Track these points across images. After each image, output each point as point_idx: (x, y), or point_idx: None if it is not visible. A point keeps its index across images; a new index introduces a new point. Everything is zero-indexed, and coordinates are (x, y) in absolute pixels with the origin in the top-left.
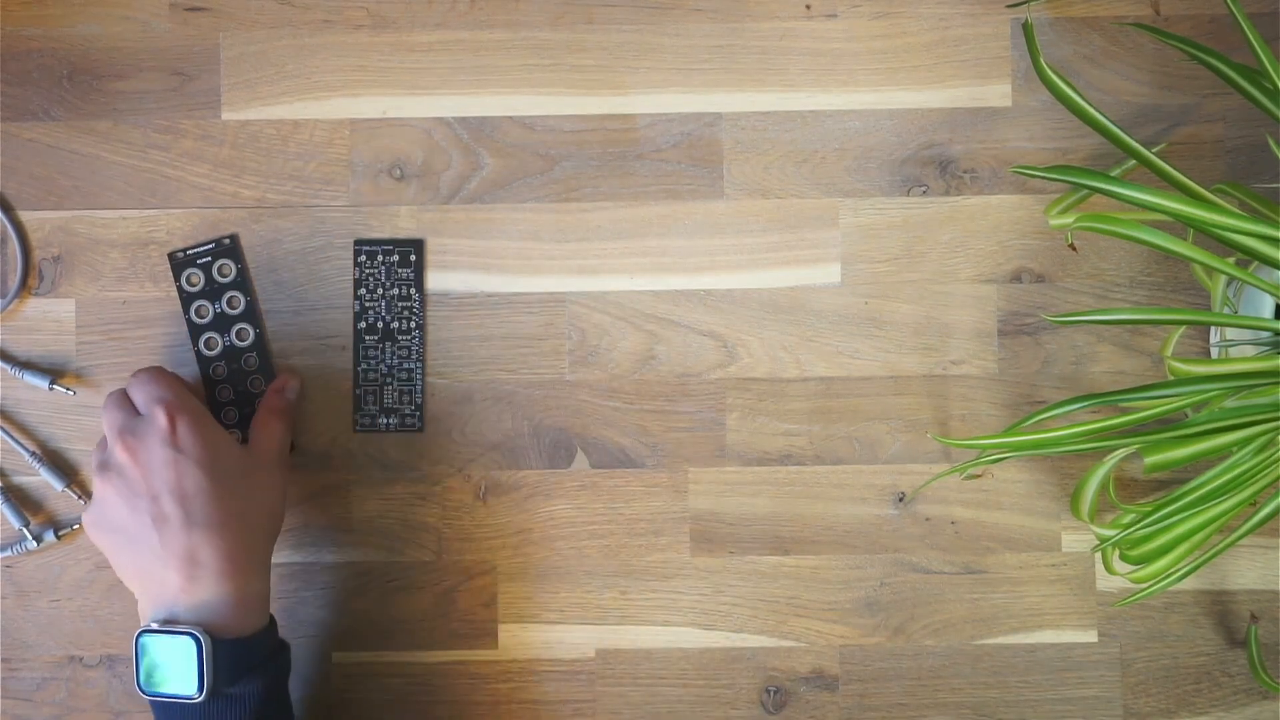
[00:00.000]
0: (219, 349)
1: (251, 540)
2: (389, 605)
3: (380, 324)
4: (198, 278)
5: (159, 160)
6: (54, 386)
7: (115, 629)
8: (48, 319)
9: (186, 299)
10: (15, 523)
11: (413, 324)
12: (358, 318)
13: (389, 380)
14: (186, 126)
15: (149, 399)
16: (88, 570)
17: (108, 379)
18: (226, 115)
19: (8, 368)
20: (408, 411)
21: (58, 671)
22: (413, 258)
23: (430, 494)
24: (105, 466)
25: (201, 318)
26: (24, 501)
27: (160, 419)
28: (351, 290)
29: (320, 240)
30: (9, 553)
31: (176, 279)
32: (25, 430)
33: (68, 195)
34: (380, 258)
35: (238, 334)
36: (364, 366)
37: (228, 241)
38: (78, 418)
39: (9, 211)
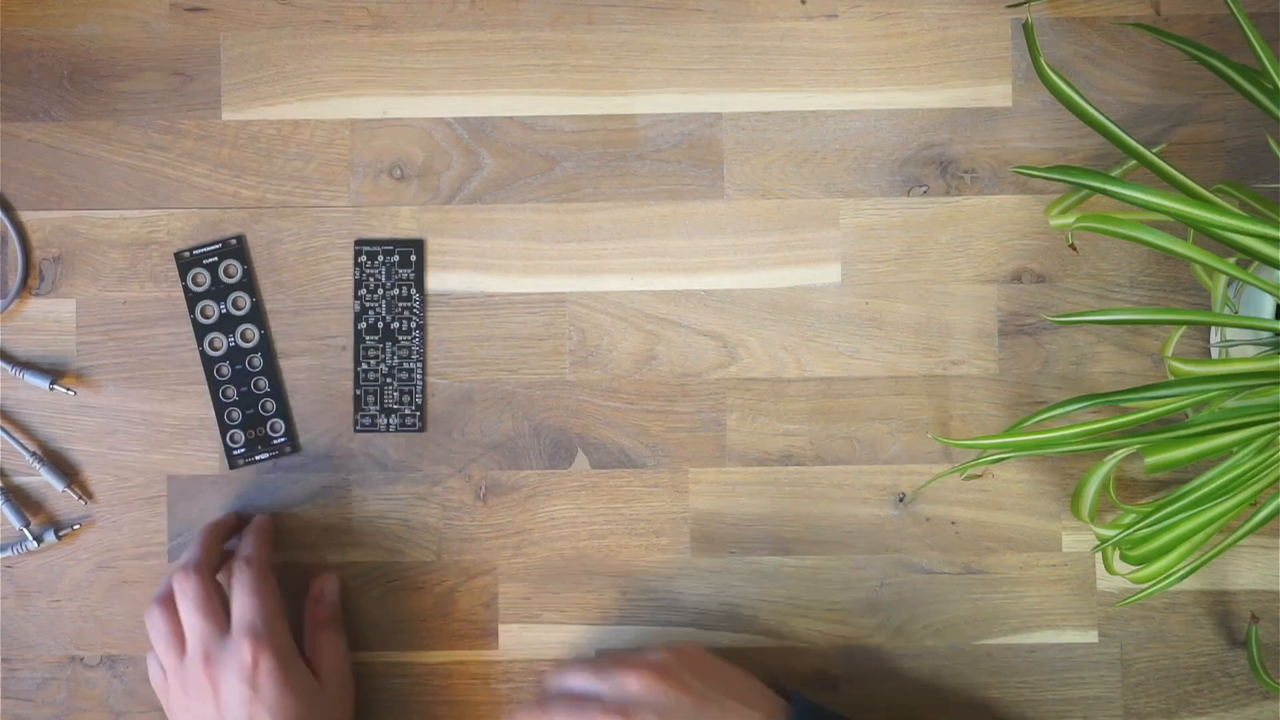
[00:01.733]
0: (224, 349)
1: None
2: (389, 605)
3: (381, 324)
4: (203, 278)
5: (159, 160)
6: (54, 386)
7: (116, 629)
8: (48, 319)
9: (192, 299)
10: (15, 523)
11: (413, 324)
12: (358, 318)
13: (389, 380)
14: (187, 126)
15: (242, 619)
16: (88, 570)
17: (108, 379)
18: (227, 115)
19: (8, 368)
20: (408, 412)
21: (58, 672)
22: (413, 258)
23: (430, 494)
24: (184, 681)
25: (206, 318)
26: (24, 501)
27: (246, 654)
28: (351, 290)
29: (320, 240)
30: (9, 553)
31: (182, 279)
32: (25, 430)
33: (68, 195)
34: (381, 258)
35: (243, 335)
36: (364, 367)
37: (234, 242)
38: (78, 418)
39: (9, 211)
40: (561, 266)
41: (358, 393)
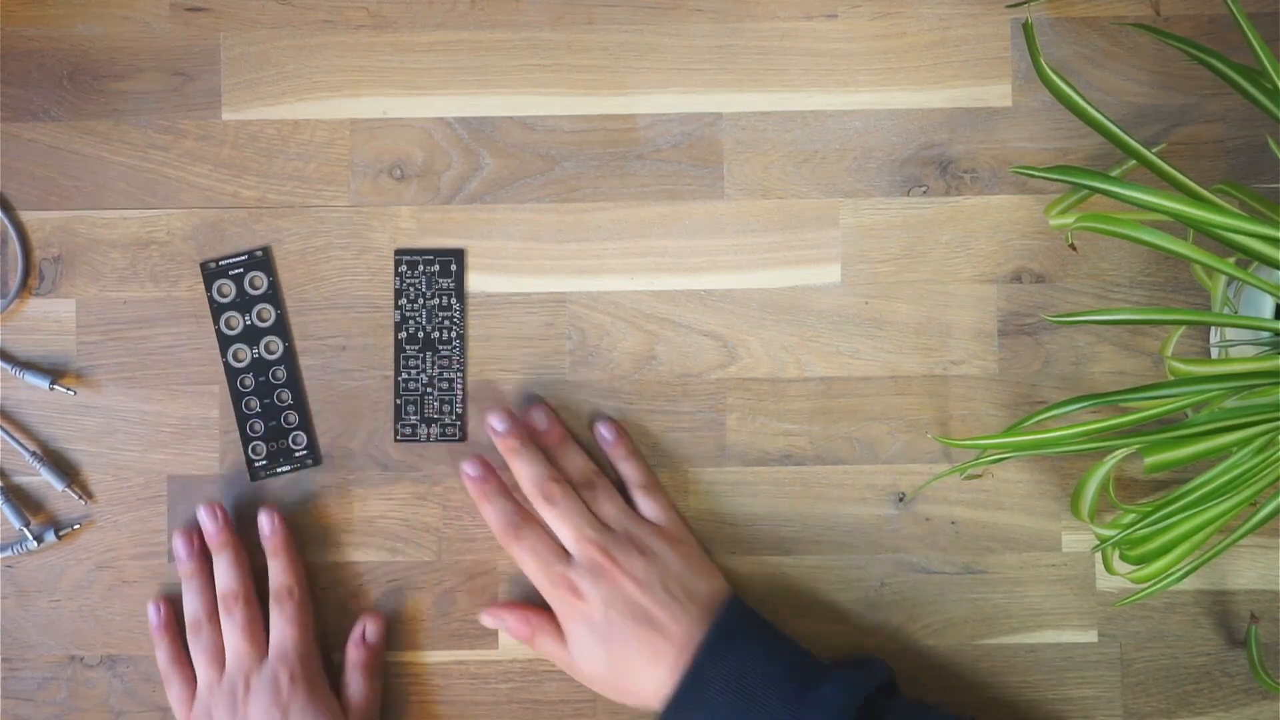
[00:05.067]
0: (247, 361)
1: None
2: (389, 605)
3: (421, 334)
4: (229, 289)
5: (159, 160)
6: (54, 386)
7: (116, 629)
8: (48, 319)
9: (217, 309)
10: (15, 523)
11: (453, 334)
12: (398, 327)
13: (430, 390)
14: (187, 127)
15: (281, 648)
16: (88, 570)
17: (108, 379)
18: (227, 115)
19: (8, 368)
20: (448, 421)
21: (58, 671)
22: (453, 267)
23: (431, 494)
24: (218, 700)
25: (231, 329)
26: (24, 501)
27: (283, 681)
28: (350, 290)
29: (320, 240)
30: (9, 553)
31: (208, 289)
32: (25, 430)
33: (68, 195)
34: (421, 267)
35: (266, 346)
36: (404, 376)
37: (260, 254)
38: (78, 418)
39: (9, 211)
40: (561, 266)
41: (398, 402)
